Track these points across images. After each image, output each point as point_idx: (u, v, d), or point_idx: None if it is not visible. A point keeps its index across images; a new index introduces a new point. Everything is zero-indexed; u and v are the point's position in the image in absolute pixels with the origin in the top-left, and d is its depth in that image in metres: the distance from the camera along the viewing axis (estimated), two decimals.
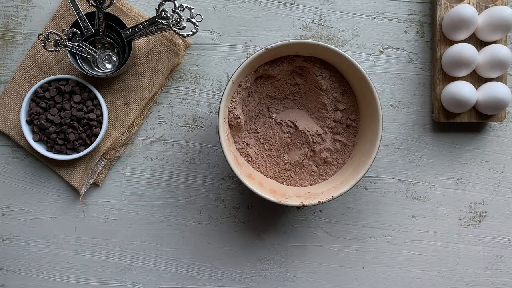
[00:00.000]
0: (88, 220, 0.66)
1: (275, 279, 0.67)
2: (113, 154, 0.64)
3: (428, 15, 0.65)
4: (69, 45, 0.58)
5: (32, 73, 0.63)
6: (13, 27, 0.64)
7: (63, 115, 0.61)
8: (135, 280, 0.67)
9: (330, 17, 0.65)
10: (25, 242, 0.66)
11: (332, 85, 0.60)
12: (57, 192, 0.66)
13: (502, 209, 0.67)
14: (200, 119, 0.65)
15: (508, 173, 0.67)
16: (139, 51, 0.63)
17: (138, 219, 0.66)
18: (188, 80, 0.65)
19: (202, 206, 0.66)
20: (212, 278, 0.67)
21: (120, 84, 0.64)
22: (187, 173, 0.66)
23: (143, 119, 0.65)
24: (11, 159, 0.65)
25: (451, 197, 0.67)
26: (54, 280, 0.66)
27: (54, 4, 0.64)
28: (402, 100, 0.66)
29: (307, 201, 0.55)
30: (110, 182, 0.66)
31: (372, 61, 0.65)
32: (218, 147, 0.65)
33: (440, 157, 0.66)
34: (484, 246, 0.67)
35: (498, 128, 0.66)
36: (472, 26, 0.60)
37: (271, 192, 0.57)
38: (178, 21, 0.58)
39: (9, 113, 0.64)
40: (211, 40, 0.65)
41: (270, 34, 0.65)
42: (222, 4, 0.64)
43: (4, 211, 0.66)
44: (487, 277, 0.67)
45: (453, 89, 0.60)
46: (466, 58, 0.59)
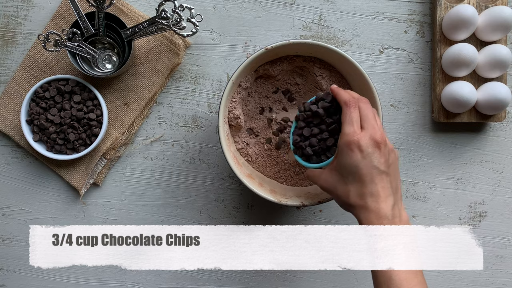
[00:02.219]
0: (88, 220, 0.66)
1: (275, 279, 0.67)
2: (113, 154, 0.64)
3: (428, 15, 0.65)
4: (69, 45, 0.58)
5: (32, 73, 0.63)
6: (13, 27, 0.64)
7: (63, 115, 0.61)
8: (135, 280, 0.67)
9: (330, 17, 0.65)
10: (25, 242, 0.66)
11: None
12: (57, 192, 0.66)
13: (502, 209, 0.67)
14: (200, 119, 0.65)
15: (508, 173, 0.67)
16: (139, 51, 0.63)
17: (138, 219, 0.66)
18: (188, 80, 0.65)
19: (202, 206, 0.66)
20: (212, 278, 0.67)
21: (120, 84, 0.64)
22: (187, 173, 0.66)
23: (143, 119, 0.65)
24: (11, 159, 0.65)
25: (451, 197, 0.67)
26: (54, 280, 0.66)
27: (54, 4, 0.64)
28: (402, 100, 0.66)
29: (307, 201, 0.55)
30: (110, 182, 0.66)
31: (372, 61, 0.65)
32: (218, 147, 0.65)
33: (440, 157, 0.66)
34: (484, 246, 0.67)
35: (498, 128, 0.66)
36: (472, 26, 0.60)
37: (271, 192, 0.57)
38: (178, 21, 0.58)
39: (9, 113, 0.64)
40: (211, 40, 0.65)
41: (270, 34, 0.65)
42: (222, 4, 0.64)
43: (4, 211, 0.66)
44: (487, 277, 0.67)
45: (453, 89, 0.60)
46: (466, 58, 0.59)
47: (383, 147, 0.44)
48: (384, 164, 0.44)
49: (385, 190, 0.44)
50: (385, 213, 0.43)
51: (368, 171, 0.43)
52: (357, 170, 0.44)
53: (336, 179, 0.46)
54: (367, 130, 0.44)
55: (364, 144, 0.43)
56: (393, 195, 0.44)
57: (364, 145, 0.43)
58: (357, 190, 0.44)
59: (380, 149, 0.44)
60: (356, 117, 0.45)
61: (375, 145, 0.43)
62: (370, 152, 0.43)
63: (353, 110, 0.45)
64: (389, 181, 0.44)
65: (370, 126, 0.45)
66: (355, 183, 0.44)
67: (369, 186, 0.43)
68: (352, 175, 0.44)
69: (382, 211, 0.43)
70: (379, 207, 0.43)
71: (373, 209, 0.43)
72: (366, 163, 0.43)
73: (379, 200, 0.43)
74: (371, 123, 0.45)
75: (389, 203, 0.43)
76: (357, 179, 0.44)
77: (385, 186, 0.44)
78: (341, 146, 0.45)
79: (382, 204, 0.43)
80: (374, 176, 0.43)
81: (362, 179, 0.44)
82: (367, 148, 0.43)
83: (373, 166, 0.43)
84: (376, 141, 0.44)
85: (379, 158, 0.43)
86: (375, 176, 0.43)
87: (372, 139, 0.44)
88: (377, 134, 0.44)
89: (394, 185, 0.45)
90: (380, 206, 0.43)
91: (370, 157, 0.43)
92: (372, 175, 0.43)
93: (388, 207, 0.43)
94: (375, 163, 0.43)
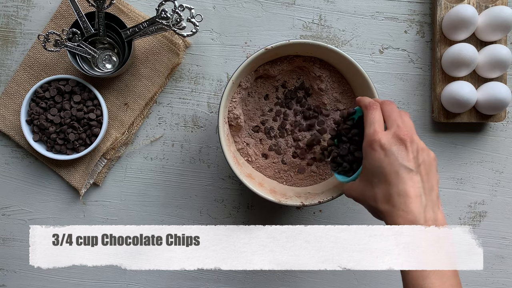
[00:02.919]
0: (88, 220, 0.66)
1: (275, 279, 0.67)
2: (113, 154, 0.64)
3: (428, 15, 0.65)
4: (69, 45, 0.58)
5: (32, 73, 0.63)
6: (13, 27, 0.64)
7: (63, 115, 0.61)
8: (135, 280, 0.67)
9: (330, 17, 0.65)
10: (25, 242, 0.66)
11: (332, 85, 0.60)
12: (57, 192, 0.66)
13: (502, 209, 0.67)
14: (200, 119, 0.65)
15: (508, 173, 0.67)
16: (139, 51, 0.63)
17: (138, 219, 0.66)
18: (188, 80, 0.65)
19: (202, 206, 0.66)
20: (212, 278, 0.67)
21: (120, 84, 0.64)
22: (187, 173, 0.66)
23: (143, 119, 0.65)
24: (11, 159, 0.65)
25: (451, 197, 0.67)
26: (54, 280, 0.66)
27: (54, 4, 0.64)
28: (402, 100, 0.66)
29: (307, 201, 0.55)
30: (110, 182, 0.66)
31: (372, 61, 0.65)
32: (218, 147, 0.65)
33: (440, 157, 0.66)
34: (484, 246, 0.67)
35: (498, 128, 0.66)
36: (472, 26, 0.60)
37: (271, 192, 0.57)
38: (178, 21, 0.58)
39: (9, 113, 0.64)
40: (211, 40, 0.65)
41: (270, 34, 0.65)
42: (222, 4, 0.64)
43: (4, 211, 0.66)
44: (487, 277, 0.67)
45: (453, 89, 0.60)
46: (466, 58, 0.59)
47: (409, 144, 0.41)
48: (412, 162, 0.40)
49: (415, 189, 0.39)
50: (415, 216, 0.39)
51: (393, 169, 0.40)
52: (381, 170, 0.40)
53: (363, 185, 0.43)
54: (391, 129, 0.42)
55: (386, 141, 0.41)
56: (425, 196, 0.40)
57: (386, 143, 0.41)
58: (383, 192, 0.41)
59: (406, 146, 0.41)
60: (377, 118, 0.43)
61: (399, 142, 0.41)
62: (394, 150, 0.40)
63: (373, 112, 0.44)
64: (420, 181, 0.40)
65: (395, 124, 0.42)
66: (381, 184, 0.41)
67: (396, 186, 0.40)
68: (378, 177, 0.41)
69: (412, 214, 0.39)
70: (409, 209, 0.39)
71: (401, 211, 0.39)
72: (390, 161, 0.40)
73: (408, 200, 0.39)
74: (396, 122, 0.42)
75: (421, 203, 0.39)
76: (382, 180, 0.41)
77: (415, 185, 0.40)
78: (364, 148, 0.43)
79: (412, 205, 0.39)
80: (400, 174, 0.40)
81: (388, 179, 0.40)
82: (390, 146, 0.41)
83: (399, 164, 0.40)
84: (400, 138, 0.41)
85: (405, 155, 0.40)
86: (402, 175, 0.40)
87: (396, 136, 0.41)
88: (401, 131, 0.41)
89: (428, 185, 0.41)
90: (409, 208, 0.39)
91: (395, 154, 0.40)
92: (398, 173, 0.40)
93: (418, 208, 0.39)
94: (400, 161, 0.40)
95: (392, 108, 0.44)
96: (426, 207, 0.40)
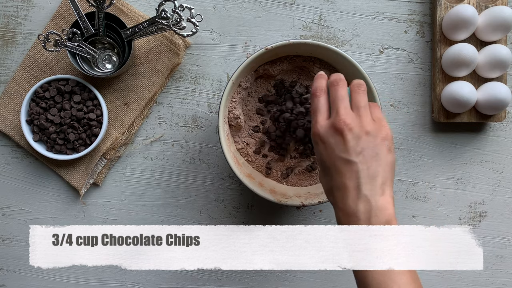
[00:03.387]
0: (88, 220, 0.66)
1: (275, 279, 0.67)
2: (113, 154, 0.64)
3: (428, 15, 0.65)
4: (69, 45, 0.58)
5: (32, 73, 0.63)
6: (13, 27, 0.64)
7: (63, 115, 0.61)
8: (135, 280, 0.67)
9: (330, 17, 0.65)
10: (25, 242, 0.66)
11: None
12: (57, 192, 0.66)
13: (502, 209, 0.67)
14: (200, 119, 0.65)
15: (508, 173, 0.67)
16: (139, 51, 0.63)
17: (138, 219, 0.66)
18: (188, 80, 0.65)
19: (202, 206, 0.66)
20: (212, 278, 0.67)
21: (120, 84, 0.64)
22: (187, 173, 0.66)
23: (143, 119, 0.65)
24: (11, 159, 0.65)
25: (451, 197, 0.67)
26: (54, 280, 0.66)
27: (54, 4, 0.64)
28: (402, 100, 0.66)
29: (307, 201, 0.55)
30: (110, 182, 0.66)
31: (372, 61, 0.65)
32: (218, 147, 0.65)
33: (440, 157, 0.66)
34: (484, 246, 0.67)
35: (498, 128, 0.66)
36: (472, 26, 0.60)
37: (271, 192, 0.57)
38: (178, 21, 0.58)
39: (9, 113, 0.64)
40: (211, 40, 0.65)
41: (270, 34, 0.65)
42: (222, 4, 0.64)
43: (4, 211, 0.66)
44: (487, 277, 0.67)
45: (453, 89, 0.60)
46: (466, 58, 0.59)
47: (347, 132, 0.39)
48: (349, 152, 0.39)
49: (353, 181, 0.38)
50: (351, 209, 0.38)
51: (332, 162, 0.39)
52: (323, 163, 0.40)
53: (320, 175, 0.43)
54: (331, 117, 0.40)
55: (324, 133, 0.40)
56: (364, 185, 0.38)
57: (324, 135, 0.40)
58: (327, 185, 0.41)
59: (343, 136, 0.39)
60: (320, 106, 0.41)
61: (336, 133, 0.39)
62: (331, 142, 0.39)
63: (316, 99, 0.42)
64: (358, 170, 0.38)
65: (334, 112, 0.40)
66: (326, 177, 0.41)
67: (335, 179, 0.39)
68: (323, 169, 0.41)
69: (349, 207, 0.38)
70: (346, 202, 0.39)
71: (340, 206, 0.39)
72: (329, 154, 0.39)
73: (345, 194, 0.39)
74: (336, 108, 0.40)
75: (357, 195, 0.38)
76: (326, 173, 0.40)
77: (352, 177, 0.38)
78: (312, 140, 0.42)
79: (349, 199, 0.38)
80: (338, 167, 0.39)
81: (329, 172, 0.40)
82: (328, 138, 0.39)
83: (336, 156, 0.39)
84: (336, 128, 0.39)
85: (342, 146, 0.39)
86: (340, 167, 0.39)
87: (333, 127, 0.39)
88: (337, 120, 0.39)
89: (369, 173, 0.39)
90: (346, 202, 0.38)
91: (332, 146, 0.39)
92: (336, 166, 0.39)
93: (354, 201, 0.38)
94: (337, 152, 0.39)
95: (336, 90, 0.41)
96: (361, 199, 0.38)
